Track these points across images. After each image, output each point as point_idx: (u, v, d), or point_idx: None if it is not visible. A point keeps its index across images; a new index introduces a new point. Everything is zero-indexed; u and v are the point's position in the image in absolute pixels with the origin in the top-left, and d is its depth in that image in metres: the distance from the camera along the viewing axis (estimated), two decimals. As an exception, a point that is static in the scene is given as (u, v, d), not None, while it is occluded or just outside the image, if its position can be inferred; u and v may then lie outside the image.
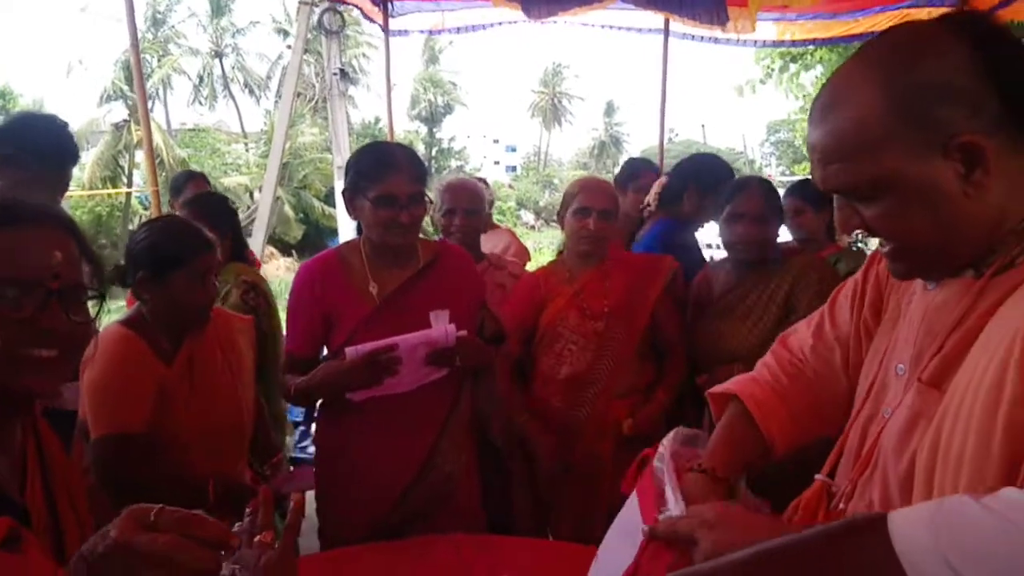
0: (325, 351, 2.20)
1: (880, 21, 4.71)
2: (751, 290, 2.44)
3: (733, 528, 0.91)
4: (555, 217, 2.70)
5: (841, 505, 1.07)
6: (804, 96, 9.10)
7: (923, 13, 4.47)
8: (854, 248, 3.70)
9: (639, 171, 3.50)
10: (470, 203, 2.78)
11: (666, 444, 1.27)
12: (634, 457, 2.36)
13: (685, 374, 2.53)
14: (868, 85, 0.88)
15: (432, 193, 2.75)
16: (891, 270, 1.02)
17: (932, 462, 0.86)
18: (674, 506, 1.12)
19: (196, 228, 2.00)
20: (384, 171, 2.01)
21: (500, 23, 4.88)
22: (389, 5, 4.65)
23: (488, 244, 3.15)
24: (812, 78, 9.01)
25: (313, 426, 3.34)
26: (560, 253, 2.72)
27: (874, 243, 1.02)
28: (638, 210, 3.20)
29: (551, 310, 2.51)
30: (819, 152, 0.94)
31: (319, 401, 2.23)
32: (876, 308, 1.17)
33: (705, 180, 2.89)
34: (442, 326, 2.02)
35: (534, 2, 4.15)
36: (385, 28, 4.65)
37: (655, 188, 3.08)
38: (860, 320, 1.18)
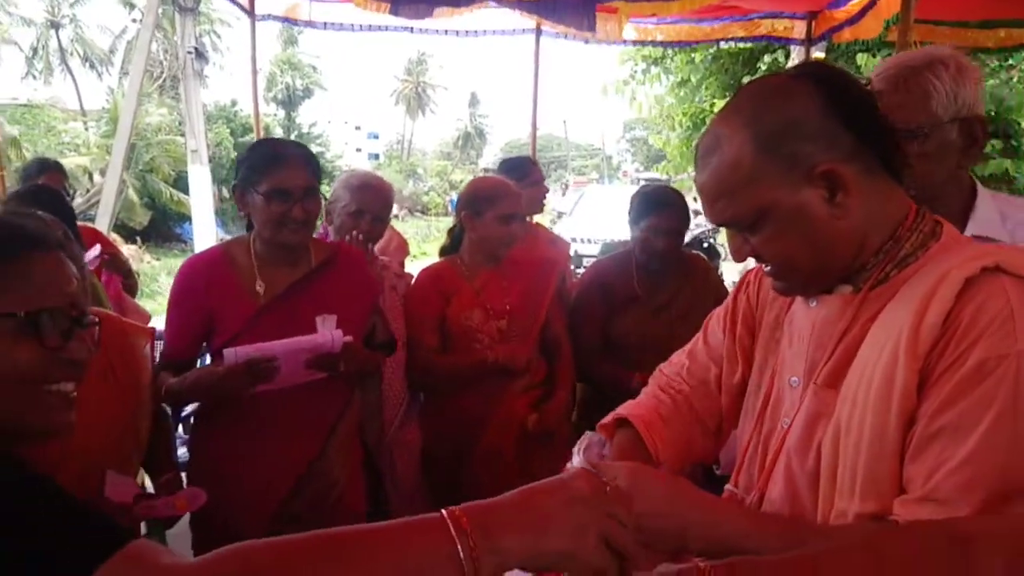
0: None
1: (733, 29, 5.10)
2: (682, 287, 2.70)
3: (654, 498, 0.92)
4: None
5: None
6: (659, 101, 9.84)
7: (777, 22, 4.88)
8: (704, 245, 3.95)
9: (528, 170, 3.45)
10: (382, 209, 2.60)
11: (577, 451, 1.32)
12: (535, 452, 2.50)
13: (574, 369, 2.68)
14: (738, 130, 1.01)
15: (335, 186, 2.65)
16: (774, 288, 1.15)
17: (835, 449, 0.98)
18: (576, 462, 1.17)
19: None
20: (276, 164, 1.96)
21: (369, 27, 4.80)
22: (257, -13, 4.47)
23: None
24: (669, 82, 9.64)
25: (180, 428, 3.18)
26: (445, 250, 2.74)
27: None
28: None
29: (455, 307, 2.52)
30: (705, 192, 1.06)
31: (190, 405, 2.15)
32: (750, 326, 1.29)
33: None
34: (328, 331, 1.95)
35: (403, 2, 4.11)
36: (251, 11, 4.47)
37: None
38: (735, 339, 1.31)
